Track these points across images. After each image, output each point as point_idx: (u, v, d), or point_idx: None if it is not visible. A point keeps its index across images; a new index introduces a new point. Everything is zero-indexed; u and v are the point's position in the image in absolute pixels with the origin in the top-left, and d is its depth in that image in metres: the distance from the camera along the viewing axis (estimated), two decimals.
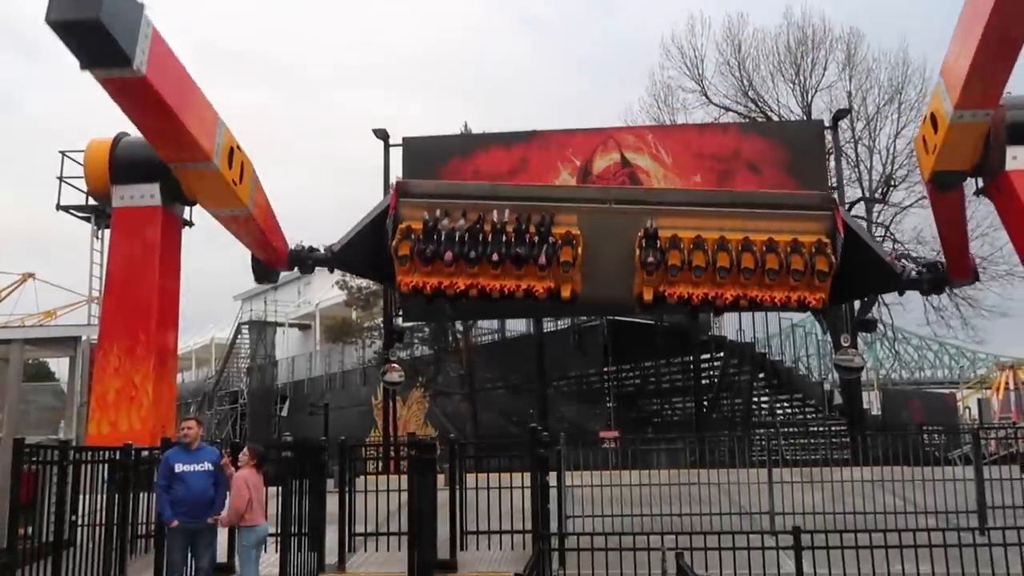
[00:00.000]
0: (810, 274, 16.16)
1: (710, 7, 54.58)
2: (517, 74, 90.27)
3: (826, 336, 32.67)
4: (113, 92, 11.38)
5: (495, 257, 16.72)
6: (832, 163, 24.80)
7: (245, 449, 8.73)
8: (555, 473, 10.86)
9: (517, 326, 35.58)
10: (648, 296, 16.72)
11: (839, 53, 32.76)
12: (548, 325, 32.99)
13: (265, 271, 18.17)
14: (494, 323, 36.08)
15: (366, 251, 17.81)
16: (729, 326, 34.42)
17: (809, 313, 26.44)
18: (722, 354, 33.22)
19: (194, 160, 13.66)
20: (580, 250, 16.76)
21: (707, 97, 33.99)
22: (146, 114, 12.22)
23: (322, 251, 18.08)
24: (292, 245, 18.08)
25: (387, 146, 23.76)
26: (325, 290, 48.53)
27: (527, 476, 9.79)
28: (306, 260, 18.08)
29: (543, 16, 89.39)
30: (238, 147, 14.62)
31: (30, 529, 8.53)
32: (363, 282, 37.59)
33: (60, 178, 18.13)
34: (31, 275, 43.10)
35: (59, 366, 32.35)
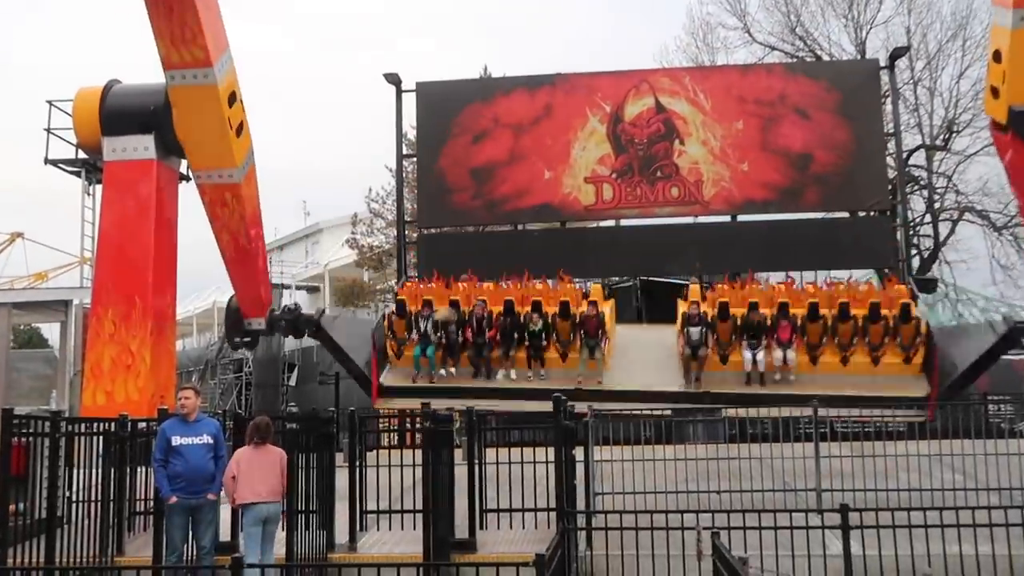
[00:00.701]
0: None
1: None
2: (541, 11, 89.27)
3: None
4: None
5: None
6: (889, 107, 24.44)
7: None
8: (582, 447, 10.89)
9: None
10: None
11: None
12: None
13: (240, 328, 19.51)
14: None
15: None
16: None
17: (869, 272, 26.24)
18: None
19: (195, 63, 13.90)
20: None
21: (750, 35, 33.64)
22: None
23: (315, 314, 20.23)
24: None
25: (399, 92, 23.71)
26: (335, 249, 48.71)
27: (552, 451, 9.83)
28: (282, 322, 19.63)
29: None
30: (240, 99, 14.69)
31: (22, 505, 8.69)
32: (375, 240, 37.69)
33: (48, 130, 18.28)
34: (20, 234, 43.51)
35: (52, 332, 32.79)
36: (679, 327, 18.51)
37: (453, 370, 19.02)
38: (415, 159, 25.12)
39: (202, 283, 52.60)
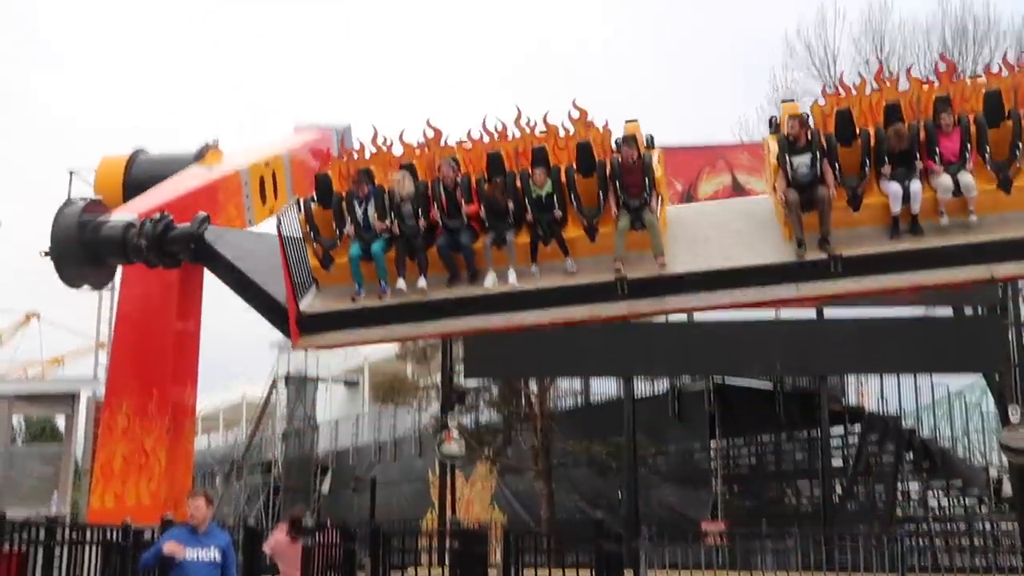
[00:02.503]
0: None
1: None
2: (605, 76, 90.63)
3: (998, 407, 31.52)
4: None
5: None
6: None
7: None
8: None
9: (604, 388, 35.15)
10: None
11: (1008, 50, 32.03)
12: (642, 388, 32.56)
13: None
14: (576, 383, 35.74)
15: None
16: (869, 393, 33.52)
17: (975, 377, 25.62)
18: (859, 428, 32.28)
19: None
20: None
21: None
22: None
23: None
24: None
25: None
26: None
27: None
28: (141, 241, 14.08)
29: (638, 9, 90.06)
30: (266, 166, 15.02)
31: None
32: None
33: (68, 201, 18.70)
34: (35, 315, 44.55)
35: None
36: (773, 161, 12.52)
37: (422, 281, 12.78)
38: None
39: (229, 375, 52.99)
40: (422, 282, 12.67)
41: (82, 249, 13.76)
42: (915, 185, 11.67)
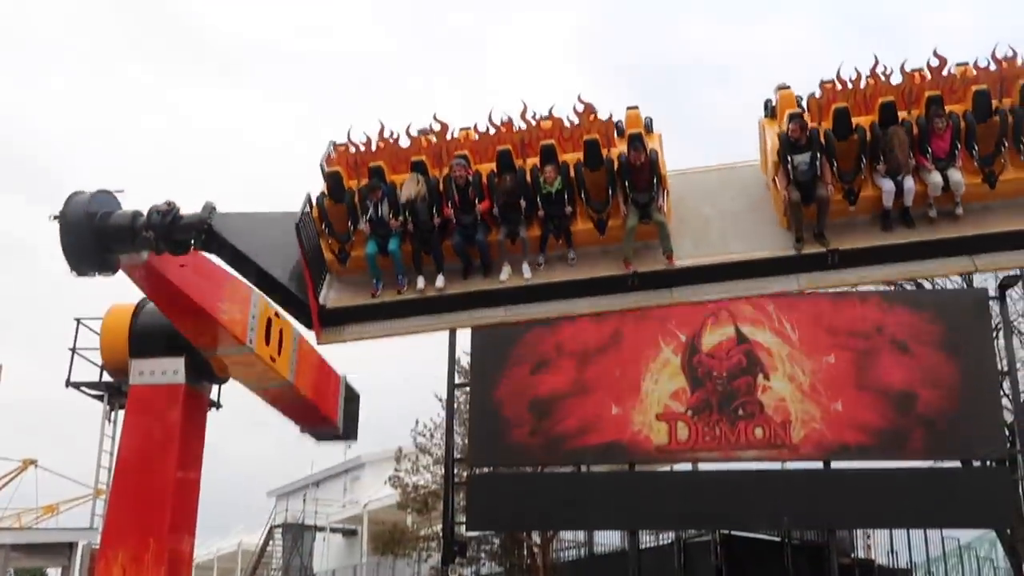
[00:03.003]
0: None
1: None
2: None
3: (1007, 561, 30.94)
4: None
5: None
6: (1001, 341, 24.19)
7: None
8: None
9: (608, 539, 34.61)
10: None
11: None
12: (647, 539, 32.02)
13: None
14: (579, 535, 35.20)
15: None
16: (879, 546, 32.93)
17: (987, 531, 25.22)
18: None
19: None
20: None
21: None
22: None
23: None
24: None
25: None
26: (376, 488, 48.30)
27: None
28: (148, 232, 13.40)
29: None
30: (276, 315, 15.06)
31: None
32: (420, 479, 37.36)
33: (73, 350, 18.73)
34: (32, 462, 44.04)
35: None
36: (774, 158, 12.94)
37: (440, 280, 13.16)
38: (468, 389, 25.26)
39: (226, 522, 52.10)
40: (440, 281, 13.06)
41: (91, 236, 13.34)
42: (908, 182, 12.29)
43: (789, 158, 12.44)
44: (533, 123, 13.38)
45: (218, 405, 17.78)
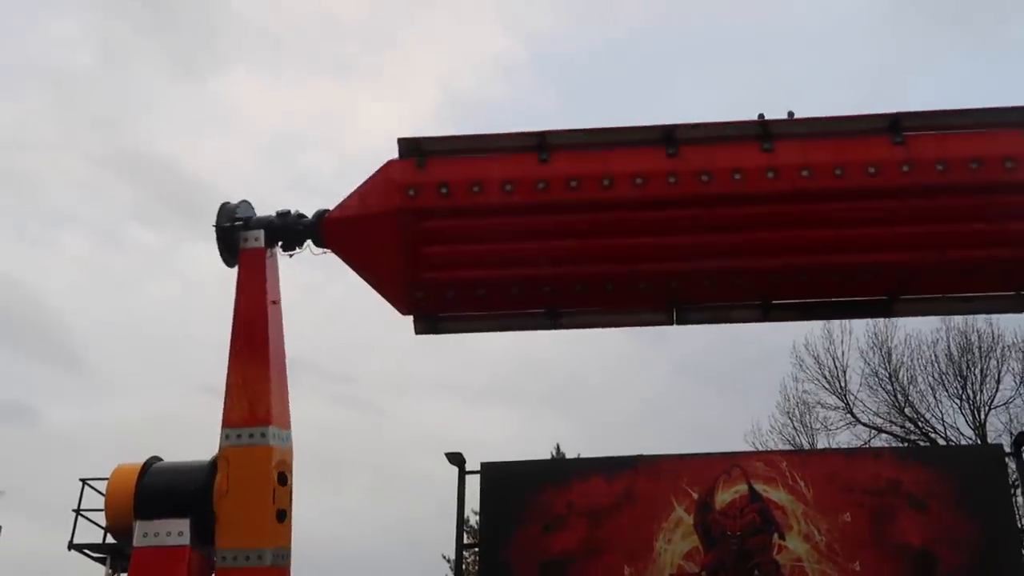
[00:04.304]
0: None
1: None
2: (618, 380, 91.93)
3: None
4: None
5: None
6: (1021, 498, 23.84)
7: None
8: None
9: None
10: None
11: (1014, 363, 32.64)
12: None
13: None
14: None
15: None
16: None
17: None
18: None
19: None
20: None
21: (853, 416, 33.90)
22: None
23: None
24: None
25: (462, 473, 23.83)
26: None
27: None
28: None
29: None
30: (290, 486, 15.29)
31: None
32: None
33: (77, 511, 18.55)
34: None
35: None
36: None
37: None
38: (477, 550, 24.80)
39: None
40: None
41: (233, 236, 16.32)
42: None
43: None
44: None
45: None
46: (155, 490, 16.81)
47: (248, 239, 16.57)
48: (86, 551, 18.77)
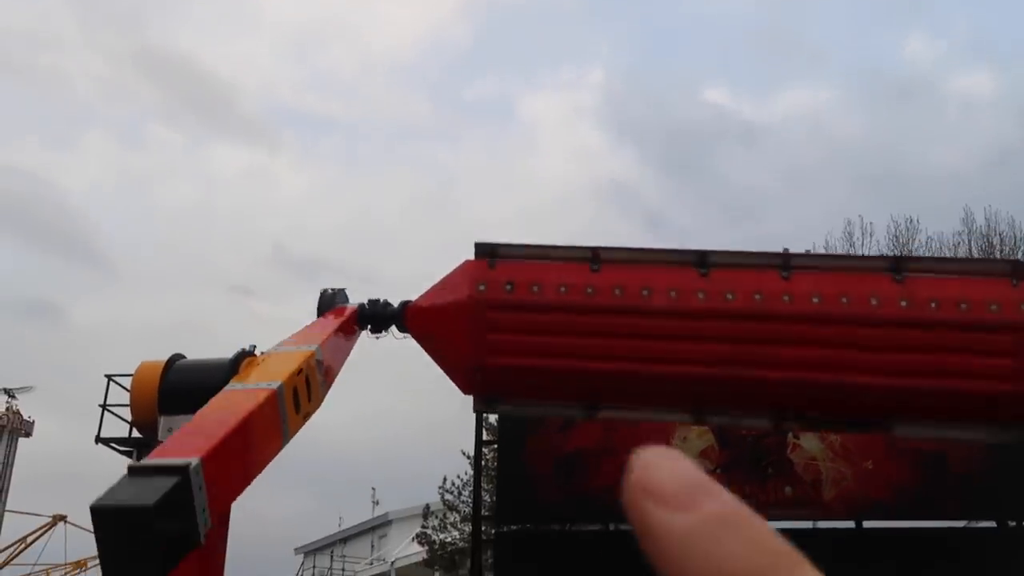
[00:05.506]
0: None
1: (871, 210, 55.36)
2: None
3: None
4: None
5: None
6: None
7: None
8: None
9: None
10: None
11: None
12: None
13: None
14: None
15: None
16: None
17: None
18: None
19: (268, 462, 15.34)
20: None
21: None
22: None
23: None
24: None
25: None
26: (403, 545, 48.18)
27: None
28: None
29: (671, 219, 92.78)
30: (299, 374, 15.31)
31: None
32: (448, 537, 37.22)
33: (103, 406, 18.92)
34: (63, 517, 44.29)
35: None
36: None
37: None
38: (495, 446, 25.23)
39: None
40: None
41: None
42: None
43: None
44: None
45: None
46: (178, 386, 17.08)
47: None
48: (113, 445, 19.19)
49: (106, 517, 11.24)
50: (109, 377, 19.06)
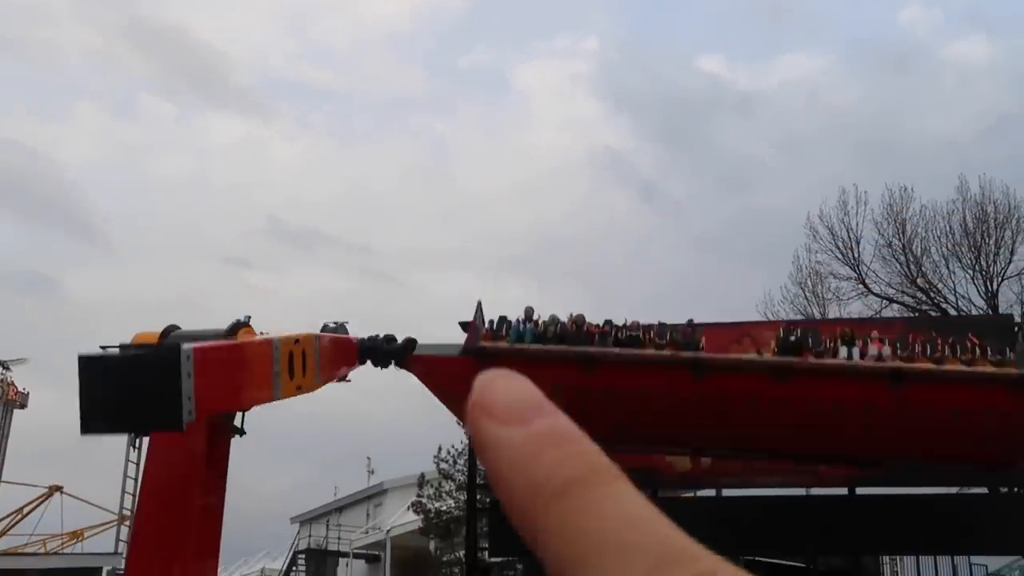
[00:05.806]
0: None
1: (866, 180, 55.25)
2: (636, 253, 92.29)
3: None
4: None
5: None
6: None
7: None
8: None
9: None
10: None
11: None
12: None
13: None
14: None
15: None
16: (905, 572, 32.70)
17: (1015, 558, 24.96)
18: None
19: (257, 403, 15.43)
20: None
21: (865, 286, 33.86)
22: None
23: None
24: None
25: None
26: (399, 513, 48.38)
27: None
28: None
29: (666, 190, 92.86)
30: (296, 343, 15.29)
31: None
32: (443, 505, 37.39)
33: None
34: (58, 488, 44.39)
35: None
36: None
37: None
38: None
39: (249, 548, 52.25)
40: None
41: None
42: None
43: None
44: None
45: (242, 432, 17.88)
46: None
47: None
48: None
49: (92, 363, 11.30)
50: (104, 348, 19.03)
